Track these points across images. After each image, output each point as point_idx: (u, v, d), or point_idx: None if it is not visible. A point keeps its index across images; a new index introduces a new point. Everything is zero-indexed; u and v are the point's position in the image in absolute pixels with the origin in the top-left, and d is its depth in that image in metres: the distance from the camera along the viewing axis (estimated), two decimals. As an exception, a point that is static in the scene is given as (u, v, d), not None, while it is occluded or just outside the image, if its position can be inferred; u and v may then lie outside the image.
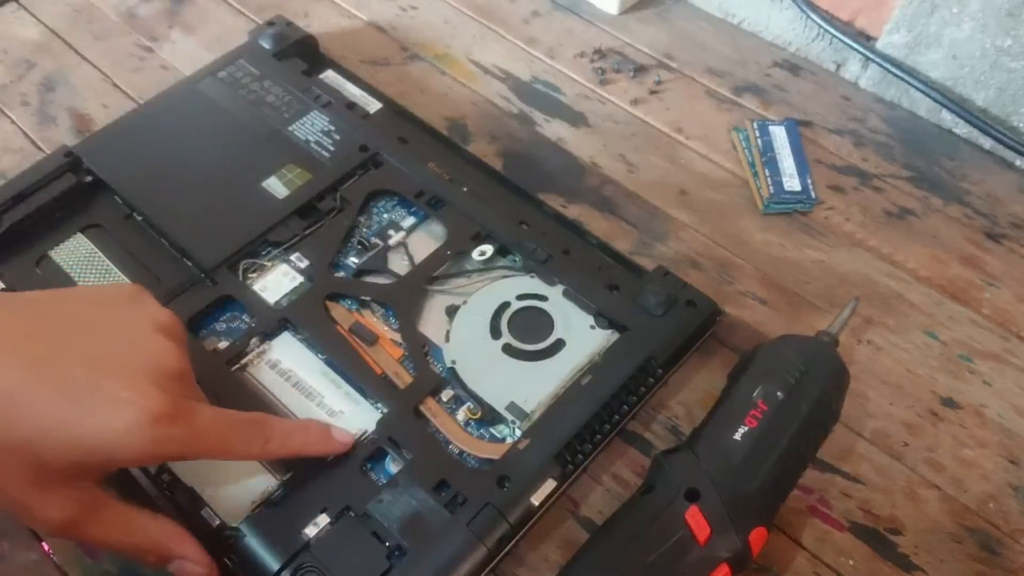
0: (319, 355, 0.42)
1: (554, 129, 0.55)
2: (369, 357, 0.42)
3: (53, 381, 0.29)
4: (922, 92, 0.53)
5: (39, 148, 0.54)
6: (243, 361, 0.41)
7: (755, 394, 0.36)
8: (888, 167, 0.53)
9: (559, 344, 0.42)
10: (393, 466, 0.38)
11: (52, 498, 0.30)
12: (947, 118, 0.54)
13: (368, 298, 0.44)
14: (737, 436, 0.35)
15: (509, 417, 0.40)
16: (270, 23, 0.58)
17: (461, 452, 0.39)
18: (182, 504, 0.37)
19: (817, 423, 0.37)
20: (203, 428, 0.32)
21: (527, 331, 0.43)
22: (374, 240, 0.47)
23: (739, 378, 0.38)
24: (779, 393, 0.36)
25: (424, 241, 0.47)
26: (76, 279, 0.45)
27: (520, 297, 0.44)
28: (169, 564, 0.34)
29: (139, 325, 0.33)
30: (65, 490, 0.30)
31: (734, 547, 0.33)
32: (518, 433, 0.39)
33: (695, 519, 0.33)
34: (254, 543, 0.35)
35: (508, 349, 0.42)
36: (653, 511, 0.34)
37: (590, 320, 0.43)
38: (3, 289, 0.44)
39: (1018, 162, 0.52)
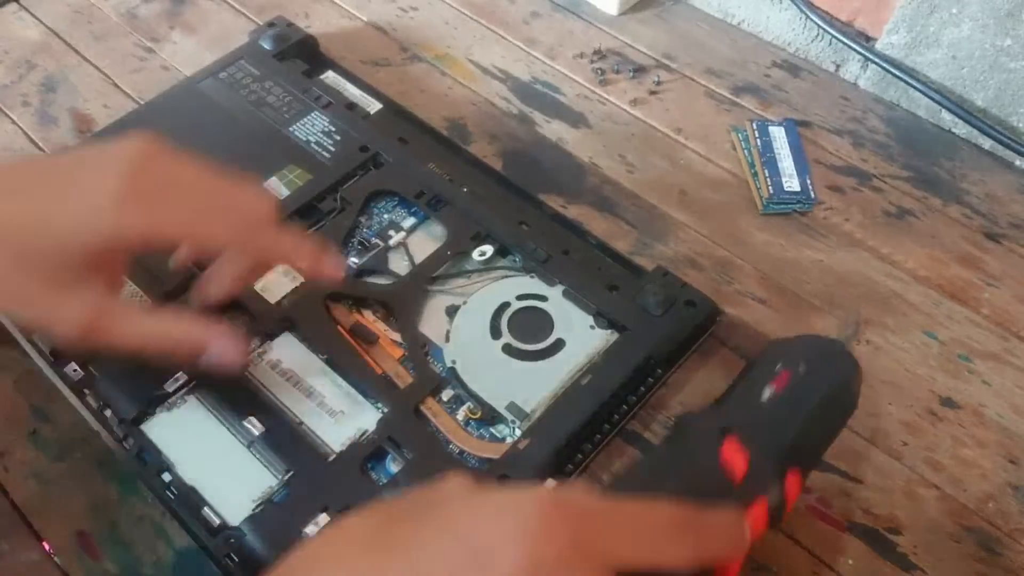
0: (320, 355, 0.42)
1: (554, 129, 0.55)
2: (369, 357, 0.42)
3: (33, 180, 0.33)
4: (921, 92, 0.53)
5: (40, 149, 0.54)
6: (244, 361, 0.42)
7: (777, 367, 0.35)
8: (887, 167, 0.53)
9: (559, 344, 0.42)
10: (393, 466, 0.38)
11: (66, 298, 0.32)
12: (946, 118, 0.54)
13: (369, 298, 0.44)
14: (764, 398, 0.34)
15: (509, 417, 0.40)
16: (271, 24, 0.58)
17: (461, 452, 0.39)
18: (183, 503, 0.37)
19: (838, 400, 0.35)
20: (169, 212, 0.34)
21: (527, 331, 0.43)
22: (374, 240, 0.47)
23: (754, 362, 0.36)
24: (801, 366, 0.35)
25: (424, 241, 0.47)
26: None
27: (520, 297, 0.44)
28: (203, 357, 0.36)
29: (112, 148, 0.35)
30: (77, 290, 0.33)
31: (770, 486, 0.31)
32: (518, 433, 0.39)
33: (732, 453, 0.31)
34: (254, 542, 0.35)
35: (508, 349, 0.42)
36: (688, 450, 0.32)
37: (590, 320, 0.43)
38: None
39: (1017, 162, 0.52)
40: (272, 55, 0.55)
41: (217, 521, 0.36)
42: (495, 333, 0.43)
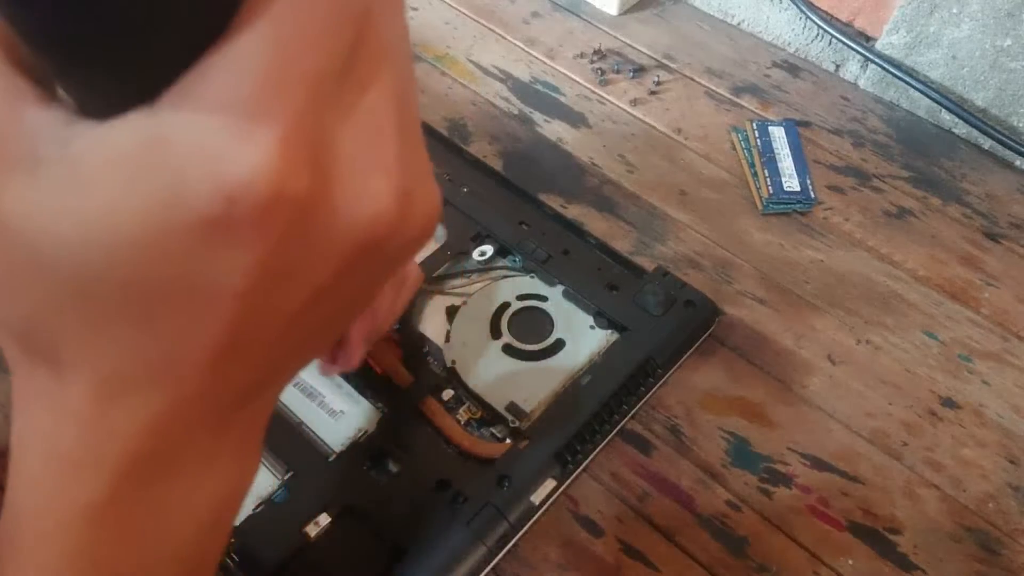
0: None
1: (554, 129, 0.55)
2: (370, 357, 0.42)
3: None
4: (921, 92, 0.53)
5: (40, 149, 0.54)
6: (244, 361, 0.42)
7: None
8: (887, 167, 0.53)
9: (559, 344, 0.42)
10: (393, 466, 0.38)
11: None
12: (946, 118, 0.54)
13: (368, 298, 0.44)
14: None
15: (509, 417, 0.40)
16: (270, 24, 0.58)
17: (461, 452, 0.39)
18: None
19: None
20: None
21: (527, 331, 0.43)
22: (374, 240, 0.47)
23: None
24: None
25: (424, 241, 0.47)
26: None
27: (520, 297, 0.44)
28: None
29: None
30: None
31: None
32: (518, 433, 0.39)
33: None
34: (255, 542, 0.35)
35: (508, 349, 0.42)
36: None
37: (590, 320, 0.43)
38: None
39: (1017, 162, 0.52)
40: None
41: (217, 521, 0.36)
42: (495, 333, 0.43)
